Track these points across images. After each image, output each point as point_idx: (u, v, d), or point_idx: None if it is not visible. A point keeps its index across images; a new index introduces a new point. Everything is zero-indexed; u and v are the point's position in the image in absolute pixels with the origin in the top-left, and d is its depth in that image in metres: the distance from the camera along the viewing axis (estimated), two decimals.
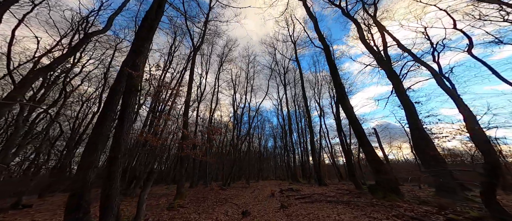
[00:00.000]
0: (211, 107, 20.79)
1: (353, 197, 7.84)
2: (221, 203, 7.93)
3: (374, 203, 5.53)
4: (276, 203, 7.84)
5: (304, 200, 7.80)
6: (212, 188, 12.74)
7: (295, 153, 24.39)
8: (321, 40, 10.74)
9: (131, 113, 4.04)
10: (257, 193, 11.71)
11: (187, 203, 7.57)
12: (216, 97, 23.27)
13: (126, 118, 3.87)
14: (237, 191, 12.70)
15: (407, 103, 8.49)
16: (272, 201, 8.43)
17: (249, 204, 8.00)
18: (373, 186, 6.53)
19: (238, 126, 21.16)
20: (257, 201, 8.79)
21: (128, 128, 3.91)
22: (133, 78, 4.12)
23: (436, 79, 7.96)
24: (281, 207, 6.71)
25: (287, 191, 11.21)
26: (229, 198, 9.50)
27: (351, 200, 6.34)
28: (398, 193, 5.79)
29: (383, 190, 6.01)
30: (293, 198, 8.46)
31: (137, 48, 4.80)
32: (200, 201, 8.12)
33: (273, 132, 40.88)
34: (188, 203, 7.57)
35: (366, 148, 6.99)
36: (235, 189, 13.85)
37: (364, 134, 7.31)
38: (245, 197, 10.17)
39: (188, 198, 8.70)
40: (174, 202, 6.60)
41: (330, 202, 6.54)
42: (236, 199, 9.22)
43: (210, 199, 8.96)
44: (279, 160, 42.70)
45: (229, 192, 11.94)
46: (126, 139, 3.89)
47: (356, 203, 5.81)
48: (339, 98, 8.58)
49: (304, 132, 31.63)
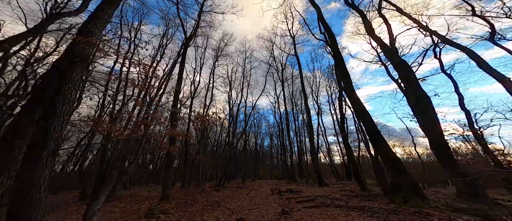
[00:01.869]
0: (205, 103, 19.58)
1: (363, 200, 6.92)
2: (212, 208, 6.84)
3: (395, 210, 4.58)
4: (276, 207, 6.83)
5: (307, 204, 6.81)
6: (205, 189, 11.62)
7: (292, 152, 23.48)
8: (326, 28, 9.76)
9: (71, 92, 2.88)
10: (253, 194, 10.67)
11: (173, 207, 6.46)
12: (210, 93, 22.04)
13: (62, 98, 2.71)
14: (232, 192, 11.63)
15: (420, 95, 7.62)
16: (271, 204, 7.41)
17: (244, 208, 6.95)
18: (390, 188, 5.60)
19: (233, 124, 20.05)
20: (253, 204, 7.75)
21: (64, 111, 2.74)
22: (80, 45, 2.97)
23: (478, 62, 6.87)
24: (282, 213, 5.69)
25: (286, 192, 10.23)
26: (222, 201, 8.42)
27: (365, 206, 5.37)
28: (423, 197, 4.87)
29: (403, 194, 5.07)
30: (295, 201, 7.46)
31: (96, 13, 3.64)
32: (188, 205, 7.02)
33: (269, 131, 39.99)
34: (173, 207, 6.46)
35: (380, 145, 6.05)
36: (230, 190, 12.78)
37: (376, 129, 6.37)
38: (240, 199, 9.12)
39: (175, 202, 7.57)
40: (154, 208, 5.47)
41: (340, 208, 5.57)
42: (230, 202, 8.15)
43: (201, 202, 7.86)
44: (275, 159, 41.89)
45: (223, 193, 10.86)
46: (60, 127, 2.72)
47: (373, 210, 4.85)
48: (346, 88, 7.62)
49: (301, 131, 30.85)
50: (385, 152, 5.89)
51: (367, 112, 6.77)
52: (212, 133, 32.75)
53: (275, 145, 40.19)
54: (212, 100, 22.61)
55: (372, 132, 6.35)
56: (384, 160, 5.80)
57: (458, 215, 3.92)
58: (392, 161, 5.63)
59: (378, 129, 6.34)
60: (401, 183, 5.16)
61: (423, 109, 7.34)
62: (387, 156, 5.78)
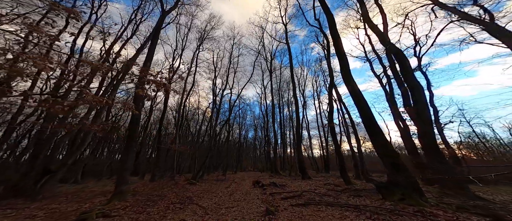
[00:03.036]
0: (185, 87, 17.62)
1: (352, 196, 6.40)
2: (181, 206, 5.68)
3: (395, 210, 3.97)
4: (259, 205, 5.94)
5: (294, 200, 6.06)
6: (177, 182, 10.29)
7: (277, 144, 23.06)
8: (324, 8, 8.78)
9: None
10: (234, 188, 9.73)
11: (126, 207, 5.13)
12: (193, 78, 20.04)
13: None
14: (210, 186, 10.53)
15: (414, 85, 7.23)
16: (253, 201, 6.52)
17: (221, 206, 5.94)
18: (385, 185, 5.05)
19: (217, 113, 18.59)
20: (233, 200, 6.79)
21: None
22: None
23: None
24: (266, 213, 4.80)
25: (269, 186, 9.49)
26: (196, 197, 7.28)
27: (359, 204, 4.72)
28: (422, 195, 4.37)
29: (400, 191, 4.52)
30: (280, 197, 6.68)
31: None
32: (150, 203, 5.74)
33: (254, 122, 39.24)
34: (127, 207, 5.13)
35: (378, 137, 5.44)
36: (208, 183, 11.66)
37: (373, 119, 5.75)
38: (218, 194, 8.08)
39: (133, 199, 6.20)
40: (93, 211, 4.07)
41: (332, 206, 4.87)
42: (205, 198, 7.06)
43: (169, 198, 6.61)
44: (259, 151, 41.64)
45: (199, 187, 9.70)
46: None
47: (369, 209, 4.20)
48: (343, 72, 6.86)
49: (285, 123, 30.67)
50: (383, 145, 5.30)
51: (364, 99, 6.12)
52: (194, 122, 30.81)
53: (259, 137, 39.78)
54: (193, 86, 20.67)
55: (369, 122, 5.71)
56: (381, 154, 5.22)
57: (464, 216, 3.41)
58: (390, 155, 5.05)
59: (375, 119, 5.72)
60: (399, 180, 4.59)
61: (416, 99, 6.95)
62: (385, 150, 5.20)
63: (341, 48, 7.32)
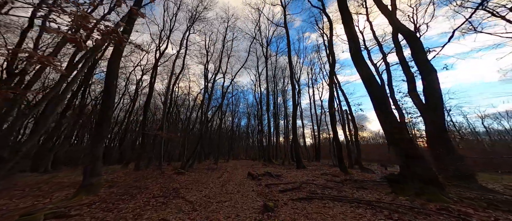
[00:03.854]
0: (173, 70, 16.03)
1: (355, 188, 5.92)
2: (164, 201, 4.87)
3: (415, 208, 3.40)
4: (254, 198, 5.28)
5: (294, 194, 5.45)
6: (164, 171, 9.42)
7: (270, 132, 22.57)
8: None
9: None
10: (226, 178, 9.07)
11: (96, 202, 4.23)
12: (182, 61, 18.36)
13: None
14: (200, 175, 9.80)
15: (427, 68, 6.60)
16: (248, 194, 5.85)
17: (212, 199, 5.21)
18: (396, 177, 4.50)
19: (208, 97, 17.40)
20: (225, 192, 6.09)
21: None
22: None
23: None
24: (264, 210, 4.12)
25: (264, 176, 8.92)
26: (184, 188, 6.51)
27: (372, 200, 4.15)
28: (442, 189, 3.86)
29: (417, 184, 3.97)
30: (277, 190, 6.06)
31: None
32: (126, 197, 4.87)
33: (247, 110, 38.44)
34: (97, 202, 4.23)
35: (388, 121, 4.81)
36: (198, 172, 10.93)
37: (386, 99, 5.09)
38: (209, 185, 7.37)
39: (107, 192, 5.29)
40: (42, 208, 3.13)
41: (340, 201, 4.28)
42: (193, 190, 6.30)
43: (151, 191, 5.77)
44: (251, 139, 41.41)
45: (187, 177, 8.92)
46: None
47: (386, 207, 3.62)
48: (353, 53, 6.02)
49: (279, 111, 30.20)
50: (398, 132, 4.67)
51: (376, 79, 5.39)
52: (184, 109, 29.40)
53: (252, 125, 39.32)
54: (183, 69, 19.05)
55: (380, 104, 5.03)
56: (393, 141, 4.60)
57: (497, 214, 2.89)
58: (404, 142, 4.45)
59: (389, 103, 5.05)
60: (415, 171, 4.03)
61: (429, 84, 6.33)
62: (398, 136, 4.58)
63: (351, 26, 6.40)
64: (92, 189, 4.83)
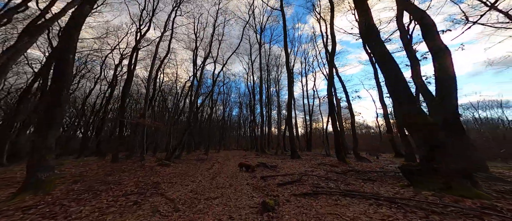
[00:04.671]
0: (156, 53, 14.26)
1: (359, 180, 5.35)
2: (138, 198, 3.93)
3: (455, 207, 2.77)
4: (250, 194, 4.49)
5: (295, 187, 4.73)
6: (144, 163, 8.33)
7: (263, 122, 21.86)
8: None
9: None
10: (216, 170, 8.24)
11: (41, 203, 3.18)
12: (168, 45, 16.51)
13: None
14: (188, 167, 8.87)
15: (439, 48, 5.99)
16: (242, 188, 5.06)
17: (199, 196, 4.36)
18: (416, 168, 3.89)
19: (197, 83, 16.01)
20: (215, 187, 5.26)
21: None
22: None
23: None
24: (263, 208, 3.34)
25: (259, 167, 8.20)
26: (166, 182, 5.57)
27: (395, 197, 3.51)
28: (474, 181, 3.29)
29: (443, 177, 3.36)
30: (275, 183, 5.33)
31: None
32: (90, 196, 3.86)
33: (239, 99, 37.29)
34: (42, 204, 3.18)
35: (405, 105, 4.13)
36: (186, 164, 9.98)
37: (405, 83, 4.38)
38: (196, 178, 6.49)
39: (64, 189, 4.22)
40: None
41: (351, 196, 3.60)
42: (178, 185, 5.40)
43: (125, 186, 4.77)
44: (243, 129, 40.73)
45: (173, 169, 7.96)
46: None
47: (418, 206, 2.98)
48: (365, 28, 5.17)
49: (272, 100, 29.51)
50: (417, 114, 4.01)
51: (392, 57, 4.64)
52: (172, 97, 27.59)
53: (243, 114, 38.44)
54: (169, 53, 17.24)
55: (397, 84, 4.33)
56: (412, 127, 3.95)
57: None
58: (426, 128, 3.79)
59: (406, 83, 4.34)
60: (441, 162, 3.41)
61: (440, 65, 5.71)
62: (420, 122, 3.92)
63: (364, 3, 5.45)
64: (41, 186, 3.74)
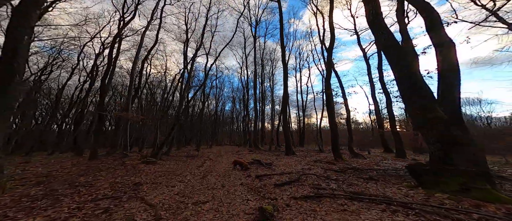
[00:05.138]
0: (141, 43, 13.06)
1: (361, 179, 5.04)
2: (111, 204, 3.31)
3: (472, 211, 2.44)
4: (245, 197, 4.00)
5: (294, 188, 4.30)
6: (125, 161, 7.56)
7: (257, 117, 21.38)
8: None
9: None
10: (208, 168, 7.67)
11: None
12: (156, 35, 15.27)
13: None
14: (176, 165, 8.22)
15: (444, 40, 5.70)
16: (236, 190, 4.55)
17: (186, 199, 3.81)
18: (425, 167, 3.57)
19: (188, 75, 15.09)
20: (206, 187, 4.72)
21: None
22: None
23: None
24: (261, 216, 2.86)
25: (253, 164, 7.73)
26: (149, 183, 4.94)
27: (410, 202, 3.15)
28: (493, 183, 3.01)
29: (461, 178, 3.05)
30: (272, 183, 4.87)
31: None
32: (49, 201, 3.17)
33: (232, 94, 36.47)
34: None
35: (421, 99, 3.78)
36: (175, 161, 9.30)
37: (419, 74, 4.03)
38: (185, 177, 5.90)
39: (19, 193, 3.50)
40: None
41: (361, 200, 3.21)
42: (163, 186, 4.79)
43: (97, 188, 4.10)
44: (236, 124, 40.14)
45: (159, 167, 7.28)
46: None
47: (438, 212, 2.62)
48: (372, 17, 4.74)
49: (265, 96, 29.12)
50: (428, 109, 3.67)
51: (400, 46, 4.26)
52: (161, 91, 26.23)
53: (237, 109, 37.77)
54: (156, 43, 15.98)
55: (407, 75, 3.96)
56: (424, 122, 3.61)
57: None
58: (440, 124, 3.46)
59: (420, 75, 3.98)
60: (458, 161, 3.09)
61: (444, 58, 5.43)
62: (432, 116, 3.58)
63: None
64: None
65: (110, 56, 10.47)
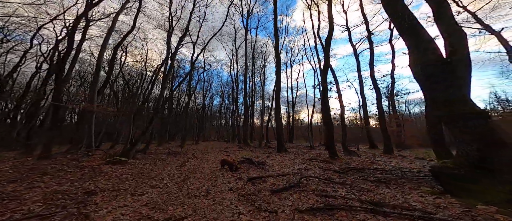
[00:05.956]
0: (112, 25, 11.15)
1: (367, 181, 4.41)
2: None
3: None
4: (236, 210, 3.07)
5: (296, 196, 3.48)
6: (81, 161, 6.12)
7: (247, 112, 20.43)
8: None
9: None
10: (190, 168, 6.60)
11: None
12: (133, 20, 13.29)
13: None
14: (152, 164, 7.01)
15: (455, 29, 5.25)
16: (224, 197, 3.60)
17: (158, 214, 2.80)
18: (454, 171, 2.96)
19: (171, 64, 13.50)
20: (186, 196, 3.72)
21: None
22: None
23: None
24: None
25: (243, 163, 6.83)
26: (105, 191, 3.79)
27: (446, 217, 2.46)
28: None
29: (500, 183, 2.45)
30: (267, 188, 4.01)
31: None
32: None
33: (221, 89, 34.92)
34: None
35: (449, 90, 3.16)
36: (152, 159, 8.04)
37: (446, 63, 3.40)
38: (161, 181, 4.80)
39: None
40: None
41: (386, 215, 2.48)
42: (125, 195, 3.68)
43: (22, 202, 2.89)
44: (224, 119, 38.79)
45: (128, 168, 6.03)
46: None
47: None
48: None
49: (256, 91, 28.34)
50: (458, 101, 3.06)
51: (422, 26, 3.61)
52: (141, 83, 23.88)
53: (225, 104, 36.40)
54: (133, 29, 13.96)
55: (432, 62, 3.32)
56: (453, 118, 2.99)
57: None
58: (476, 120, 2.85)
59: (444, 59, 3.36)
60: (502, 164, 2.49)
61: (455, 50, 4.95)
62: (465, 110, 2.97)
63: None
64: None
65: (71, 38, 8.69)
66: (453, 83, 3.20)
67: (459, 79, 4.76)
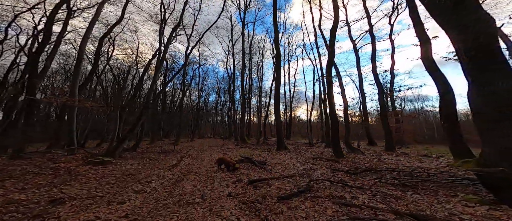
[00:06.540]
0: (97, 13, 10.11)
1: (388, 184, 3.88)
2: None
3: None
4: (236, 219, 2.49)
5: (308, 203, 2.89)
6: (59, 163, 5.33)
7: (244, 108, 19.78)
8: None
9: None
10: (184, 168, 5.94)
11: None
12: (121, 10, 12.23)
13: None
14: (141, 164, 6.31)
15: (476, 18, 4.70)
16: (222, 205, 2.98)
17: None
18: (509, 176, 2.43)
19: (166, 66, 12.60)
20: (175, 205, 3.09)
21: None
22: None
23: None
24: None
25: (242, 163, 6.22)
26: (76, 199, 3.11)
27: None
28: None
29: None
30: (273, 195, 3.41)
31: None
32: None
33: (217, 85, 34.00)
34: None
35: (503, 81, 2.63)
36: (141, 158, 7.32)
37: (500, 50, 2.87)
38: (147, 185, 4.14)
39: None
40: None
41: None
42: (100, 203, 3.01)
43: None
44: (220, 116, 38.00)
45: (112, 169, 5.33)
46: None
47: None
48: None
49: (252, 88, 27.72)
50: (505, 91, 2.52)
51: None
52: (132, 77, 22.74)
53: (221, 101, 35.56)
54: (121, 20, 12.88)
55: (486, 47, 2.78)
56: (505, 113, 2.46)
57: None
58: None
59: (499, 46, 2.80)
60: None
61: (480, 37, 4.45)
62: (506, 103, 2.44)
63: None
64: None
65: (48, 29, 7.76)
66: (504, 76, 2.65)
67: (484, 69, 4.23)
